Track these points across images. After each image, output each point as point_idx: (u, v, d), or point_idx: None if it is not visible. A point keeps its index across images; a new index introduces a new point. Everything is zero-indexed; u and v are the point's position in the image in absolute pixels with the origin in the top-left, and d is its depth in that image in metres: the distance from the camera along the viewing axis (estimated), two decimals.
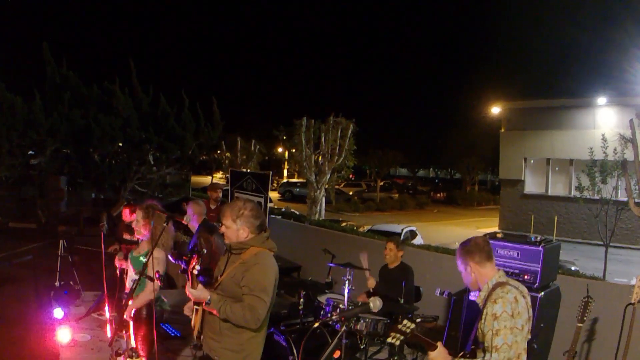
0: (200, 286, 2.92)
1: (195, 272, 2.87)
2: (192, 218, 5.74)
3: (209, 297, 2.94)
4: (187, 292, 2.95)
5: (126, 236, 7.12)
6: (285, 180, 42.68)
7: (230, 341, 3.10)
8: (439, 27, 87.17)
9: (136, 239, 4.52)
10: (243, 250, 3.14)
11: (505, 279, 2.89)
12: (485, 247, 2.95)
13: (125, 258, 4.48)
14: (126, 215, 7.17)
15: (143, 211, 4.22)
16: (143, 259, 4.03)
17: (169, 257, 4.46)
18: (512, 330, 2.66)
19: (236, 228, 3.13)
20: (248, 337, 3.12)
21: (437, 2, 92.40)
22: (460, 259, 2.98)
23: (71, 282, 7.38)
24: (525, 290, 2.94)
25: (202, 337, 3.24)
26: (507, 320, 2.66)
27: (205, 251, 3.20)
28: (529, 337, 2.86)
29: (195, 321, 3.23)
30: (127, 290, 4.45)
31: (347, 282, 5.32)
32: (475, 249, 2.93)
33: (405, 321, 2.74)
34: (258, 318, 2.97)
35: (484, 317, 2.75)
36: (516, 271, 5.03)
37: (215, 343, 3.14)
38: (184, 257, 3.05)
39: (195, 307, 3.18)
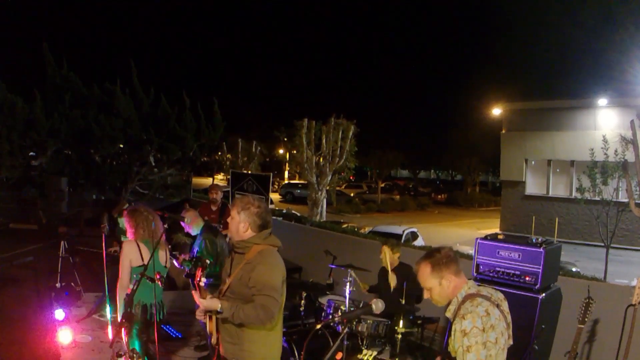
0: (209, 296, 2.91)
1: (202, 284, 2.85)
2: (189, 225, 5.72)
3: (219, 306, 2.93)
4: (197, 302, 2.95)
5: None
6: (286, 181, 42.70)
7: (247, 343, 3.10)
8: (440, 28, 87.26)
9: None
10: (246, 249, 3.13)
11: (475, 290, 2.75)
12: (456, 256, 2.81)
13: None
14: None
15: (128, 214, 4.40)
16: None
17: (174, 262, 4.52)
18: (485, 345, 2.54)
19: (238, 220, 3.14)
20: (265, 337, 3.13)
21: (438, 3, 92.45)
22: (432, 273, 2.74)
23: (72, 283, 7.38)
24: (500, 297, 2.80)
25: (219, 342, 3.22)
26: (477, 336, 2.54)
27: (209, 262, 3.18)
28: (511, 342, 2.76)
29: (210, 328, 3.21)
30: (128, 292, 4.47)
31: (348, 283, 5.32)
32: (448, 259, 2.75)
33: (365, 350, 2.70)
34: (271, 316, 2.98)
35: (453, 332, 2.64)
36: (517, 272, 5.02)
37: (234, 346, 3.13)
38: (186, 271, 3.03)
39: (209, 313, 3.18)
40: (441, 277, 2.73)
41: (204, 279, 2.86)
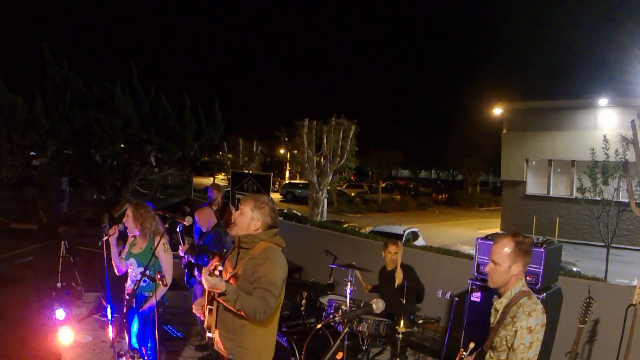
0: (217, 275, 2.90)
1: (217, 273, 2.84)
2: (204, 224, 5.76)
3: (224, 287, 2.94)
4: (203, 281, 2.95)
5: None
6: (287, 181, 42.67)
7: (244, 339, 3.14)
8: (440, 28, 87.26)
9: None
10: (252, 245, 3.20)
11: (527, 288, 2.77)
12: (532, 253, 2.79)
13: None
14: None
15: (133, 207, 4.42)
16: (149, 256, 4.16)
17: (179, 250, 4.53)
18: (540, 342, 2.62)
19: (251, 217, 3.22)
20: (262, 334, 3.17)
21: (438, 2, 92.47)
22: (511, 253, 2.70)
23: (73, 283, 7.39)
24: None
25: (214, 337, 3.25)
26: (539, 333, 2.61)
27: (225, 250, 3.21)
28: None
29: (209, 321, 3.25)
30: (128, 291, 4.47)
31: (349, 283, 5.32)
32: (529, 250, 2.73)
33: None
34: (267, 310, 3.00)
35: (514, 328, 2.63)
36: None
37: (230, 342, 3.17)
38: (205, 256, 3.01)
39: (209, 307, 3.21)
40: (514, 262, 2.71)
41: (219, 267, 2.87)
